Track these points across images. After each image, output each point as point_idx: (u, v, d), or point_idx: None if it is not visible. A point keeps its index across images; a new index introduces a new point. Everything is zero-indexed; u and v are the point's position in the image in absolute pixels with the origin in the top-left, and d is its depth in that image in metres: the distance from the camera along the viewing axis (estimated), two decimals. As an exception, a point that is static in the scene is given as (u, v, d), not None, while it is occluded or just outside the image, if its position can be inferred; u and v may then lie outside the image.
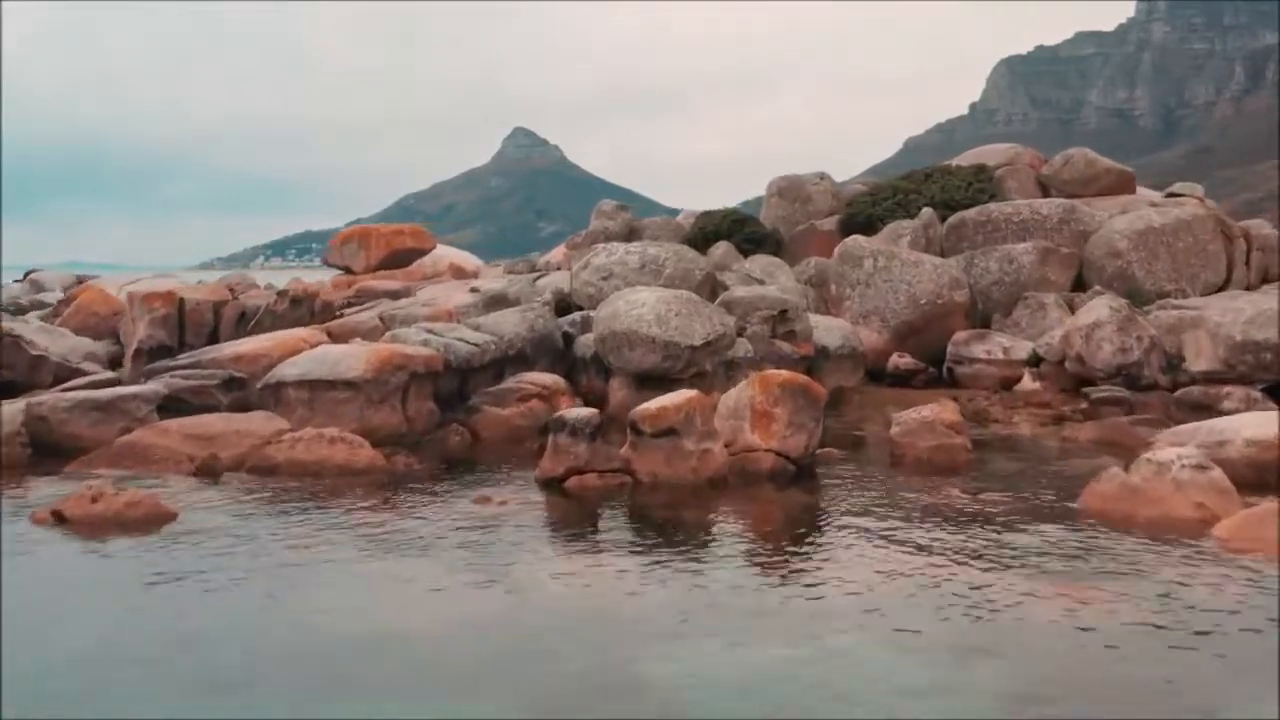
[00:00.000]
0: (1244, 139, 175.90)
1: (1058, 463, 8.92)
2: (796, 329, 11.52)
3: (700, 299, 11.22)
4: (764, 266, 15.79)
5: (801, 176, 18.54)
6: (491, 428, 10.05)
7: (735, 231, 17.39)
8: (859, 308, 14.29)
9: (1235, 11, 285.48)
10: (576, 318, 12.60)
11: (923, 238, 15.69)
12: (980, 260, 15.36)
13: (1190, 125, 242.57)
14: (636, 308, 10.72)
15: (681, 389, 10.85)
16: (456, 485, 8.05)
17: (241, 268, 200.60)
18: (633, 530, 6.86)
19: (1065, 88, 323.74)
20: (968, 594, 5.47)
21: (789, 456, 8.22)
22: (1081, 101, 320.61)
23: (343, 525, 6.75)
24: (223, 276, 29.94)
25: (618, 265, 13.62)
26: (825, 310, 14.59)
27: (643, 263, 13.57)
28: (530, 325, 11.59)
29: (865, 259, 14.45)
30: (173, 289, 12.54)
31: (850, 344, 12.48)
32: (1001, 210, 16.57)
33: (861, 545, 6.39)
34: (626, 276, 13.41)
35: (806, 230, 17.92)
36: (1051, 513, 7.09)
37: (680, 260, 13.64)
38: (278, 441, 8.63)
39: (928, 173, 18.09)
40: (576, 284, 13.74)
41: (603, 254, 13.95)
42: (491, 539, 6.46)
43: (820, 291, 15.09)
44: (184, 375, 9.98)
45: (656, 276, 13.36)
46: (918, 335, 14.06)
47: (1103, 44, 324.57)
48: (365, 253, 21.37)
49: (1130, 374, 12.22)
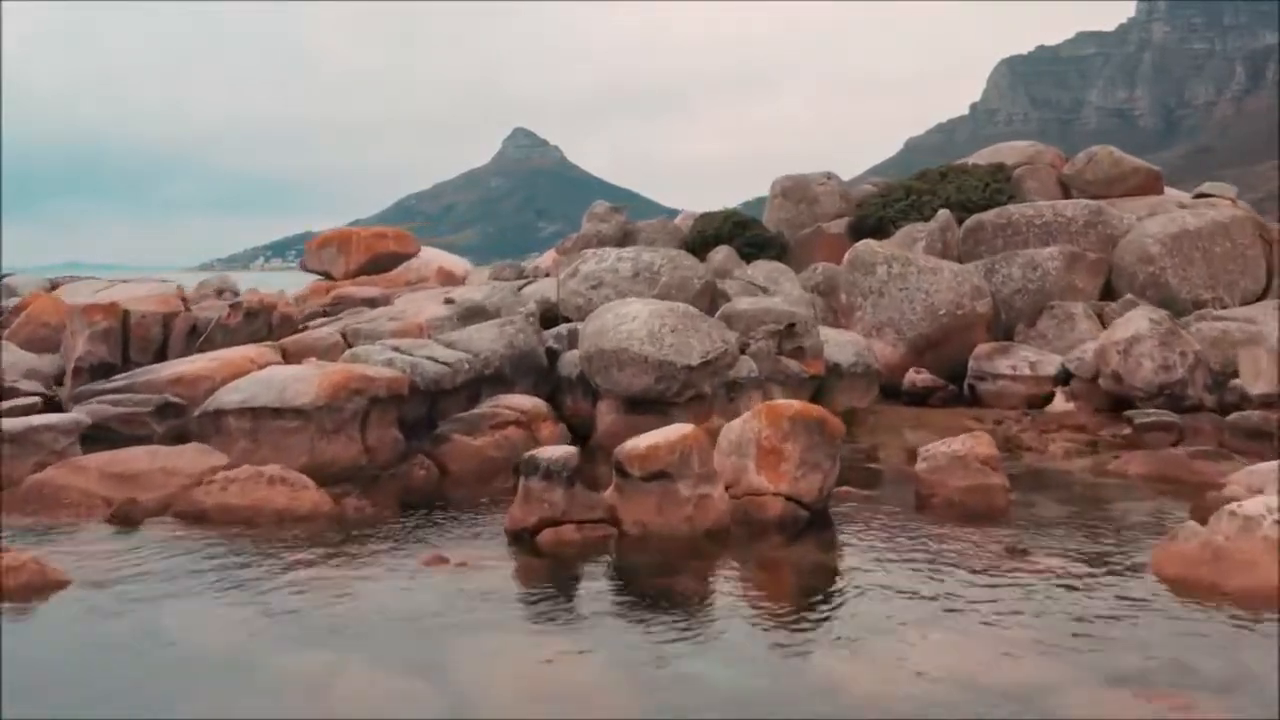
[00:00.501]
0: (1244, 139, 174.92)
1: (1111, 506, 7.75)
2: (805, 345, 10.35)
3: (698, 312, 10.03)
4: (767, 273, 14.63)
5: (807, 176, 17.36)
6: (461, 460, 8.86)
7: (737, 235, 16.22)
8: (871, 319, 13.11)
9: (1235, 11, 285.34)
10: (562, 331, 11.41)
11: (939, 242, 14.50)
12: (1002, 267, 14.18)
13: (1190, 125, 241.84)
14: (626, 322, 9.53)
15: (676, 413, 9.72)
16: (410, 537, 6.87)
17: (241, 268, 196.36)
18: (615, 604, 5.68)
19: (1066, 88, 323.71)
20: (1026, 696, 4.33)
21: (801, 501, 7.05)
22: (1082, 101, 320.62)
23: (259, 600, 5.57)
24: (203, 280, 28.75)
25: (608, 273, 12.43)
26: (834, 322, 13.41)
27: (636, 270, 12.38)
28: (509, 341, 10.41)
29: (878, 266, 13.27)
30: (115, 300, 11.38)
31: (864, 361, 11.30)
32: (1022, 212, 15.40)
33: (889, 626, 5.22)
34: (618, 285, 12.23)
35: (813, 233, 16.77)
36: (1118, 579, 5.92)
37: (677, 268, 12.45)
38: (209, 482, 7.46)
39: (942, 172, 16.91)
40: (564, 293, 12.55)
41: (592, 260, 12.76)
42: (439, 617, 5.29)
43: (829, 301, 13.91)
44: (113, 400, 8.79)
45: (651, 285, 12.18)
46: (936, 349, 12.89)
47: (1103, 44, 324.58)
48: (345, 257, 20.21)
49: (1173, 394, 11.05)
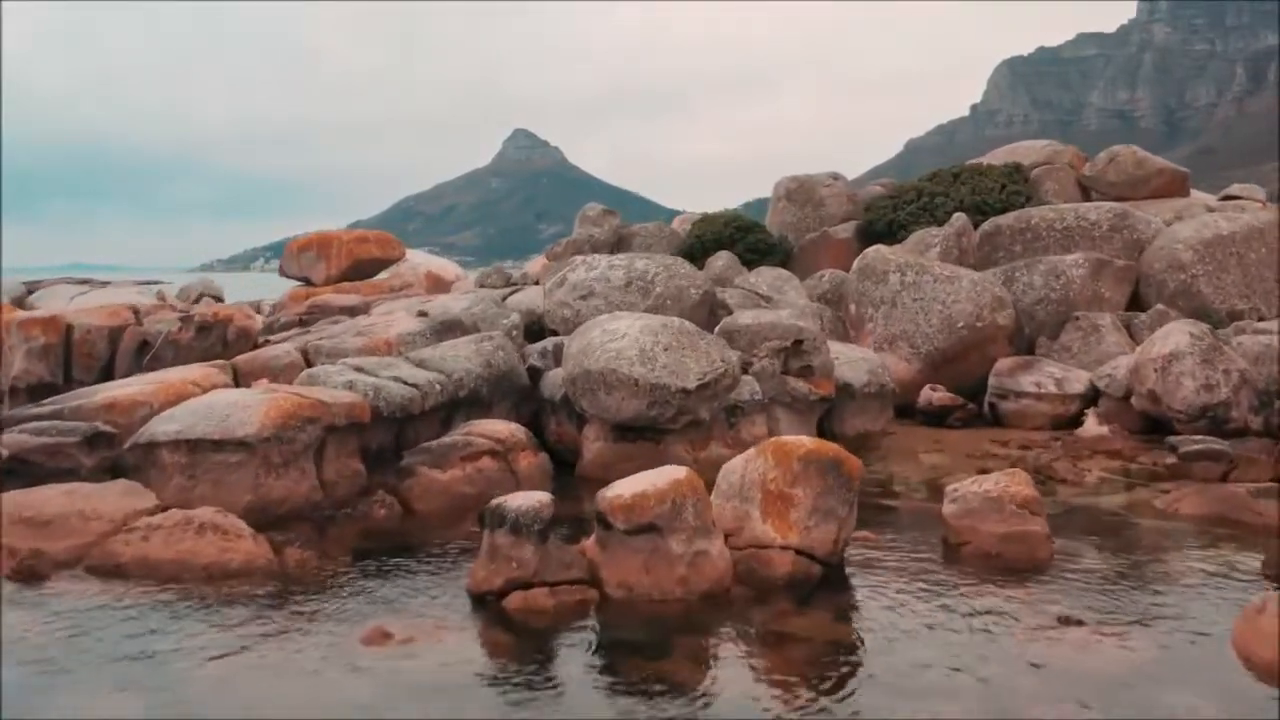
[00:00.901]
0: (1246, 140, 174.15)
1: (1167, 556, 6.76)
2: (814, 363, 9.36)
3: (694, 328, 9.01)
4: (771, 280, 13.65)
5: (813, 177, 16.38)
6: (427, 497, 7.86)
7: (738, 239, 15.25)
8: (883, 331, 12.13)
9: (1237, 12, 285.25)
10: (547, 346, 10.39)
11: (955, 248, 13.52)
12: (1022, 274, 13.21)
13: (1192, 127, 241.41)
14: (615, 340, 8.53)
15: (671, 440, 8.74)
16: (357, 598, 5.88)
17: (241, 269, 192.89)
18: (589, 696, 4.70)
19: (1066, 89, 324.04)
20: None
21: (814, 555, 6.06)
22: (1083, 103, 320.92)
23: (155, 694, 4.58)
24: (184, 286, 27.70)
25: (599, 282, 11.44)
26: (843, 334, 12.43)
27: (629, 279, 11.39)
28: (487, 360, 9.42)
29: (890, 274, 12.28)
30: (57, 314, 10.37)
31: (879, 380, 10.30)
32: (1043, 216, 14.44)
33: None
34: (609, 296, 11.25)
35: (819, 238, 15.78)
36: (1193, 660, 4.94)
37: (673, 276, 11.47)
38: (130, 529, 6.47)
39: (955, 172, 15.93)
40: (550, 304, 11.56)
41: (581, 268, 11.78)
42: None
43: (837, 311, 12.92)
44: (35, 429, 7.79)
45: (645, 295, 11.20)
46: (953, 364, 11.91)
47: (1104, 45, 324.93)
48: (325, 262, 19.20)
49: (1216, 416, 10.08)
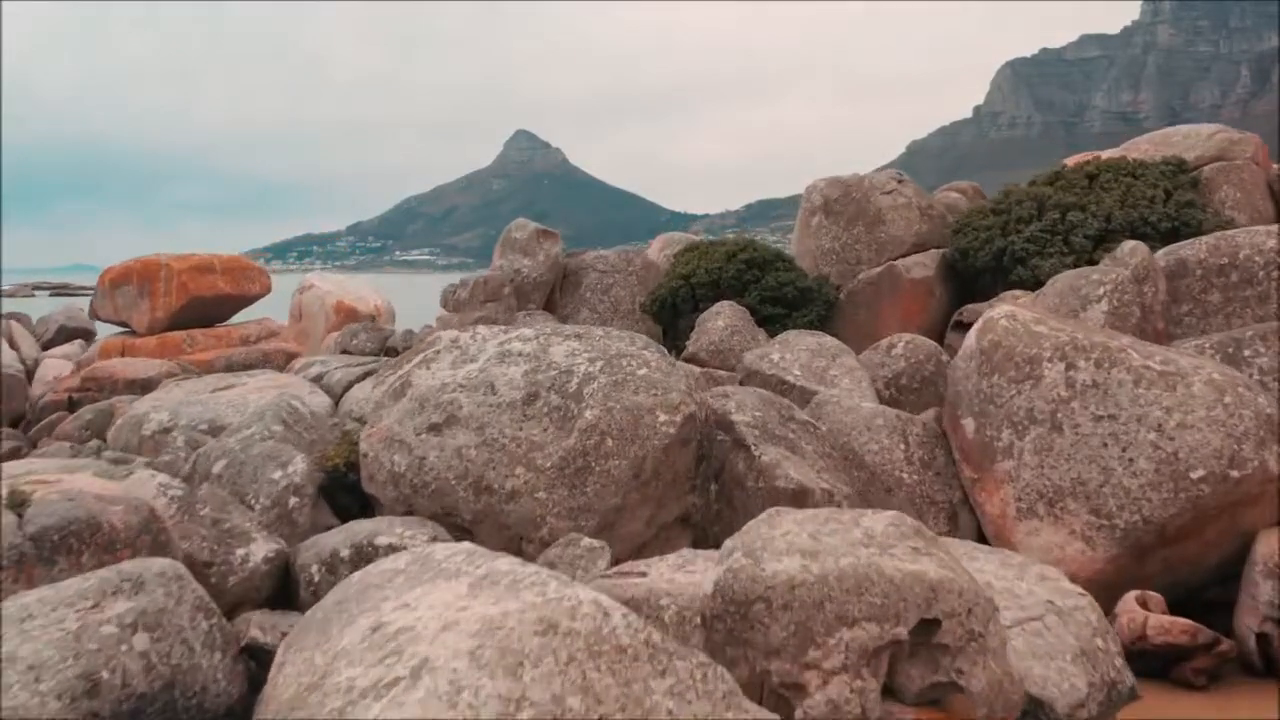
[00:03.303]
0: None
1: None
2: (970, 679, 3.59)
3: (634, 635, 3.23)
4: (808, 358, 7.90)
5: (865, 179, 10.51)
6: None
7: (750, 281, 9.45)
8: (1036, 478, 6.31)
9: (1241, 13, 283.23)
10: (314, 574, 4.61)
11: (1135, 304, 7.70)
12: (1254, 350, 7.43)
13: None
14: (388, 691, 2.76)
15: None
16: None
17: None
18: None
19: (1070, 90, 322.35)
20: None
21: None
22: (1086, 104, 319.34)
23: None
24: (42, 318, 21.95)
25: (475, 391, 5.58)
26: (943, 467, 6.72)
27: (531, 390, 5.53)
28: (102, 683, 3.63)
29: (1047, 363, 6.45)
30: None
31: (1109, 680, 4.42)
32: (1254, 244, 8.68)
33: None
34: (490, 426, 5.40)
35: (881, 277, 9.91)
36: None
37: (623, 383, 5.58)
38: None
39: (1091, 172, 10.03)
40: (373, 440, 5.71)
41: (446, 358, 5.93)
42: None
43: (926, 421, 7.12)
44: None
45: (563, 425, 5.34)
46: (1174, 546, 6.12)
47: (1107, 46, 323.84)
48: (149, 301, 13.36)
49: None
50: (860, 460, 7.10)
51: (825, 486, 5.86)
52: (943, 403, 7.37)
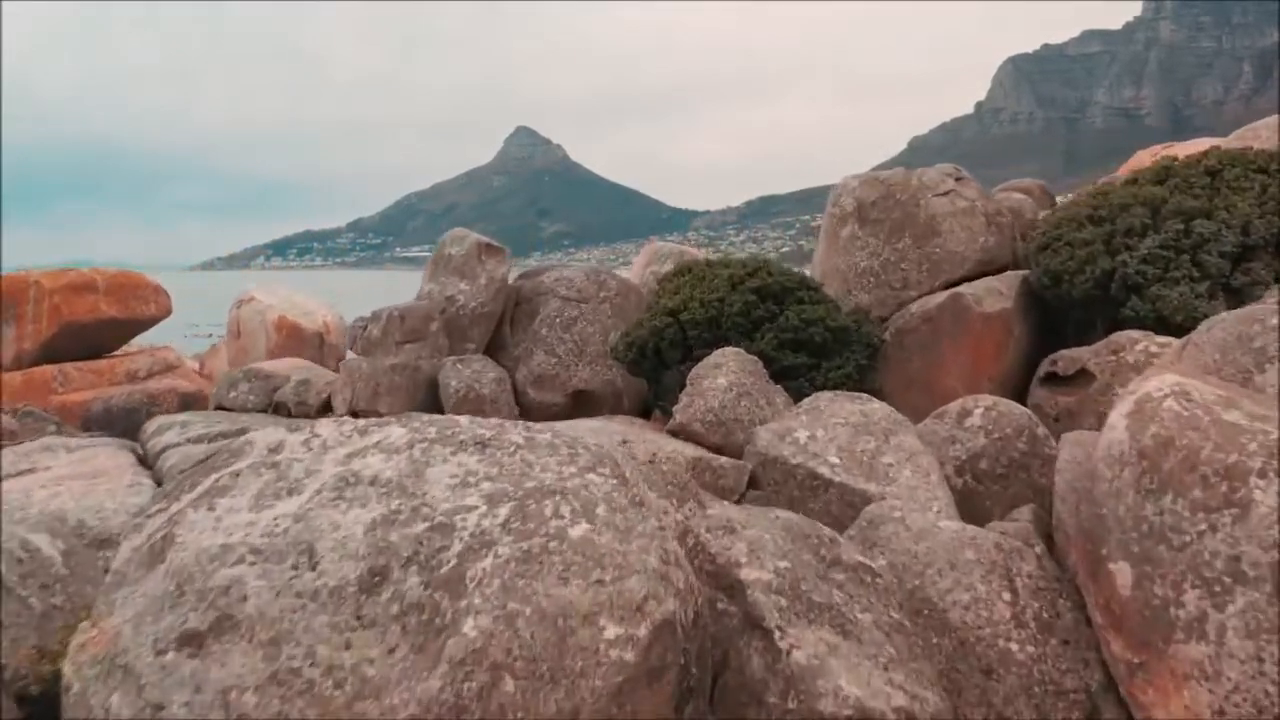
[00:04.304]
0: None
1: None
2: None
3: None
4: (848, 436, 5.41)
5: (914, 175, 8.00)
6: None
7: (761, 317, 6.94)
8: (1254, 683, 3.80)
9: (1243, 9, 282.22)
10: None
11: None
12: None
13: (1199, 124, 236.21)
14: None
15: None
16: None
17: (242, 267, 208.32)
18: None
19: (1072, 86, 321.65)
20: None
21: None
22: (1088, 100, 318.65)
23: None
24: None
25: (273, 565, 3.04)
26: (1080, 632, 4.19)
27: (377, 564, 2.96)
28: None
29: (1256, 479, 3.95)
30: None
31: None
32: None
33: None
34: (283, 634, 2.86)
35: (943, 311, 7.35)
36: None
37: (546, 549, 3.00)
38: None
39: (1213, 169, 7.51)
40: (101, 642, 3.30)
41: (249, 491, 3.47)
42: None
43: (1077, 567, 4.58)
44: None
45: (425, 648, 2.80)
46: None
47: (1110, 42, 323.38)
48: (16, 327, 10.87)
49: None
50: (942, 619, 4.50)
51: (901, 703, 3.37)
52: (1040, 499, 4.91)
